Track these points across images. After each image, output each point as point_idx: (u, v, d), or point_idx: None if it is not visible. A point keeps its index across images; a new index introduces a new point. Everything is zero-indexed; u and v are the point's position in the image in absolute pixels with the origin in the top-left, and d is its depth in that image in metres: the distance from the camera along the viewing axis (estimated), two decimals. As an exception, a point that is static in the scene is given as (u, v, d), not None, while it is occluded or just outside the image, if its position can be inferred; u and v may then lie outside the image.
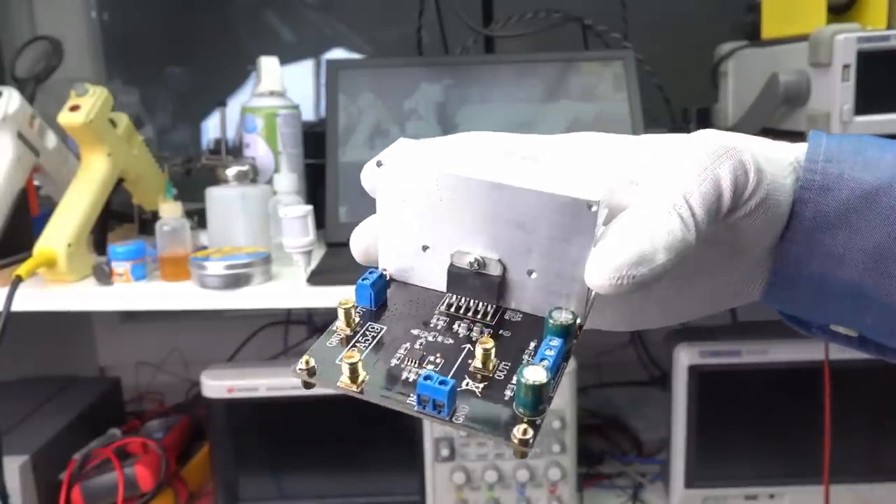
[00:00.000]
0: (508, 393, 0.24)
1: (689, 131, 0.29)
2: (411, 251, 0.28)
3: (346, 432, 0.95)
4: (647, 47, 1.07)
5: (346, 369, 0.25)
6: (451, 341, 0.26)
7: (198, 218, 0.96)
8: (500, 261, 0.26)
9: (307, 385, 0.26)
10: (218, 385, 0.91)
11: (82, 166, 0.88)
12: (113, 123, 0.90)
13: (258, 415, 0.93)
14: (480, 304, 0.27)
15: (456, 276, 0.27)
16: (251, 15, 1.35)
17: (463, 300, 0.27)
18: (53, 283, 0.83)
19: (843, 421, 0.88)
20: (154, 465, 0.94)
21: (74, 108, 0.84)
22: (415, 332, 0.27)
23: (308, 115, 1.19)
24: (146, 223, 1.00)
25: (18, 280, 0.77)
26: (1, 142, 0.86)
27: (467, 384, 0.25)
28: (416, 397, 0.24)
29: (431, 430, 0.92)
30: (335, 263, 0.86)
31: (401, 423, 0.93)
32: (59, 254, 0.82)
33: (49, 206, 0.89)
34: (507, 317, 0.27)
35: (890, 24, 0.88)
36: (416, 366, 0.25)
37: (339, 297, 0.27)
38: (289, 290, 0.81)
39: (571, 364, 0.91)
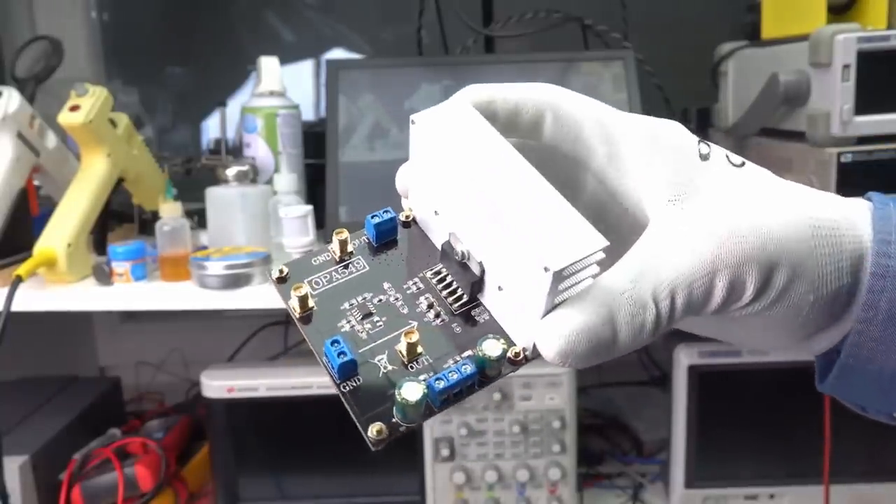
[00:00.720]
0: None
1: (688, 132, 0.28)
2: (427, 209, 0.29)
3: (346, 432, 0.94)
4: (647, 47, 1.07)
5: (295, 299, 0.26)
6: (405, 311, 0.27)
7: (198, 218, 0.96)
8: (480, 263, 0.26)
9: (278, 281, 0.28)
10: (218, 385, 0.91)
11: (82, 166, 0.88)
12: (113, 123, 0.90)
13: (258, 415, 0.93)
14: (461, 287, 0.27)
15: (446, 255, 0.28)
16: (251, 15, 1.35)
17: (449, 276, 0.28)
18: (53, 283, 0.83)
19: (843, 421, 0.88)
20: (154, 465, 0.94)
21: (74, 108, 0.84)
22: (385, 285, 0.28)
23: (308, 115, 1.19)
24: (146, 223, 1.00)
25: (18, 280, 0.77)
26: (1, 142, 0.86)
27: (380, 360, 0.25)
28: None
29: (431, 431, 0.92)
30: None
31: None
32: (59, 254, 0.82)
33: (49, 206, 0.89)
34: (474, 312, 0.27)
35: (890, 24, 0.88)
36: (357, 318, 0.27)
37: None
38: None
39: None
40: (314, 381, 0.90)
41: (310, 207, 0.80)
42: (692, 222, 0.25)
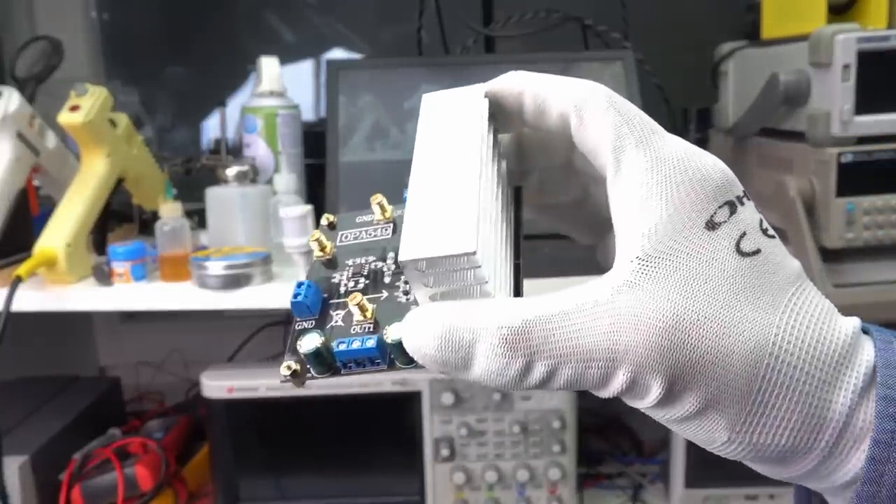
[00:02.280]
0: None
1: (689, 132, 0.27)
2: None
3: (346, 432, 0.95)
4: (647, 47, 1.07)
5: (315, 243, 0.29)
6: (386, 280, 0.28)
7: (198, 218, 0.96)
8: None
9: (328, 227, 0.31)
10: (218, 385, 0.91)
11: (82, 166, 0.88)
12: (113, 123, 0.90)
13: (258, 415, 0.93)
14: None
15: None
16: (251, 15, 1.35)
17: None
18: (53, 284, 0.83)
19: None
20: (154, 465, 0.94)
21: (74, 108, 0.84)
22: (390, 254, 0.29)
23: (308, 115, 1.19)
24: (146, 223, 1.00)
25: (18, 280, 0.77)
26: (1, 142, 0.86)
27: (337, 314, 0.27)
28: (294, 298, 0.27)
29: (431, 431, 0.92)
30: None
31: (401, 424, 0.93)
32: (58, 254, 0.81)
33: (49, 206, 0.89)
34: None
35: (890, 24, 0.88)
36: (348, 275, 0.28)
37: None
38: (289, 290, 0.80)
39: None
40: (314, 381, 0.89)
41: (310, 207, 0.80)
42: (631, 301, 0.22)
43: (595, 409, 1.21)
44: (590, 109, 0.25)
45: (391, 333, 0.24)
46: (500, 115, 0.28)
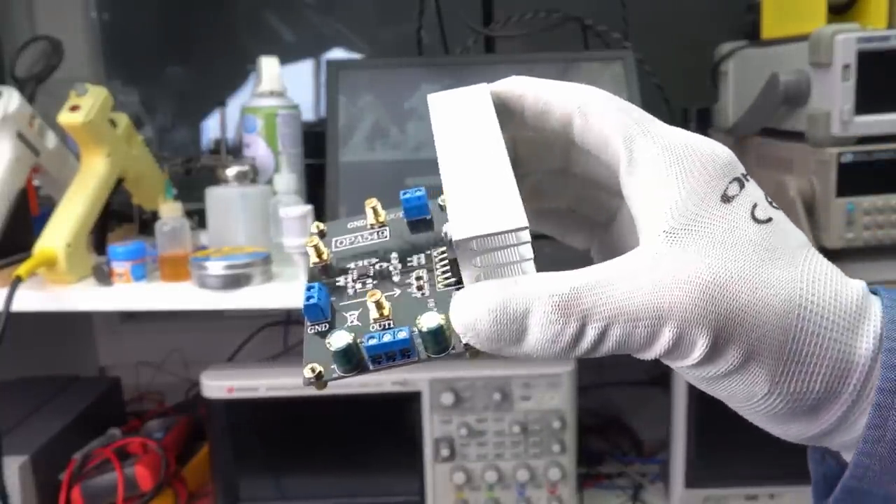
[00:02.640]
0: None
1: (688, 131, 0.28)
2: None
3: (346, 432, 0.95)
4: (647, 47, 1.07)
5: (311, 249, 0.29)
6: (396, 279, 0.27)
7: (198, 218, 0.96)
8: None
9: (319, 235, 0.31)
10: (218, 385, 0.91)
11: (82, 166, 0.88)
12: (113, 123, 0.90)
13: (258, 415, 0.93)
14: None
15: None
16: (251, 15, 1.35)
17: (448, 257, 0.28)
18: (53, 283, 0.83)
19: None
20: (154, 465, 0.94)
21: (74, 108, 0.84)
22: (393, 255, 0.29)
23: (308, 115, 1.19)
24: (146, 223, 1.00)
25: (18, 280, 0.77)
26: (1, 142, 0.86)
27: (351, 315, 0.26)
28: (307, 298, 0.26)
29: (431, 431, 0.92)
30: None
31: (401, 424, 0.93)
32: (58, 254, 0.81)
33: (49, 206, 0.89)
34: (455, 294, 0.26)
35: (890, 24, 0.88)
36: (353, 277, 0.28)
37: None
38: (289, 290, 0.81)
39: (571, 363, 0.91)
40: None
41: (310, 207, 0.80)
42: (668, 266, 0.24)
43: (595, 409, 1.21)
44: (594, 107, 0.27)
45: (425, 323, 0.24)
46: (501, 115, 0.28)
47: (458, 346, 0.24)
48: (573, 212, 0.33)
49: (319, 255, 0.29)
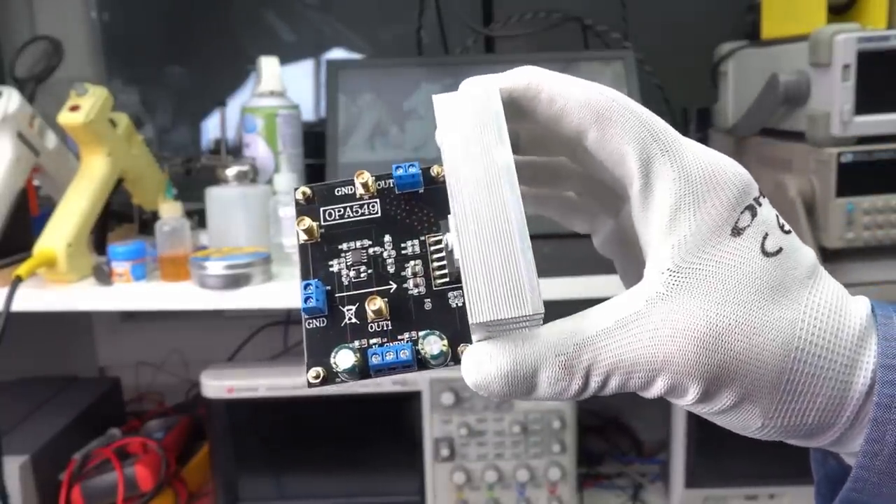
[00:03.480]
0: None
1: (689, 132, 0.27)
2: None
3: (346, 432, 0.95)
4: (647, 47, 1.07)
5: (301, 231, 0.28)
6: (391, 270, 0.27)
7: (198, 218, 0.96)
8: (458, 259, 0.26)
9: (305, 201, 0.29)
10: (218, 385, 0.91)
11: (82, 166, 0.88)
12: (113, 123, 0.90)
13: (258, 415, 0.93)
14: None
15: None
16: (251, 15, 1.35)
17: (445, 251, 0.28)
18: (53, 283, 0.83)
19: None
20: (154, 465, 0.94)
21: (74, 108, 0.84)
22: (386, 238, 0.28)
23: (308, 115, 1.19)
24: (146, 223, 1.00)
25: (18, 280, 0.77)
26: (1, 142, 0.86)
27: (349, 311, 0.26)
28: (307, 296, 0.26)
29: (431, 431, 0.92)
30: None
31: (401, 424, 0.93)
32: (58, 254, 0.81)
33: (49, 206, 0.89)
34: (452, 295, 0.27)
35: (890, 24, 0.88)
36: (347, 263, 0.28)
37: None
38: (289, 290, 0.81)
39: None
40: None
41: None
42: (665, 312, 0.24)
43: (595, 409, 1.21)
44: (612, 121, 0.25)
45: (428, 349, 0.25)
46: (510, 111, 0.27)
47: (457, 361, 0.26)
48: (574, 199, 0.33)
49: (310, 234, 0.28)
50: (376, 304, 0.26)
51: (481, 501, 0.94)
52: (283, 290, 0.81)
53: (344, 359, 0.25)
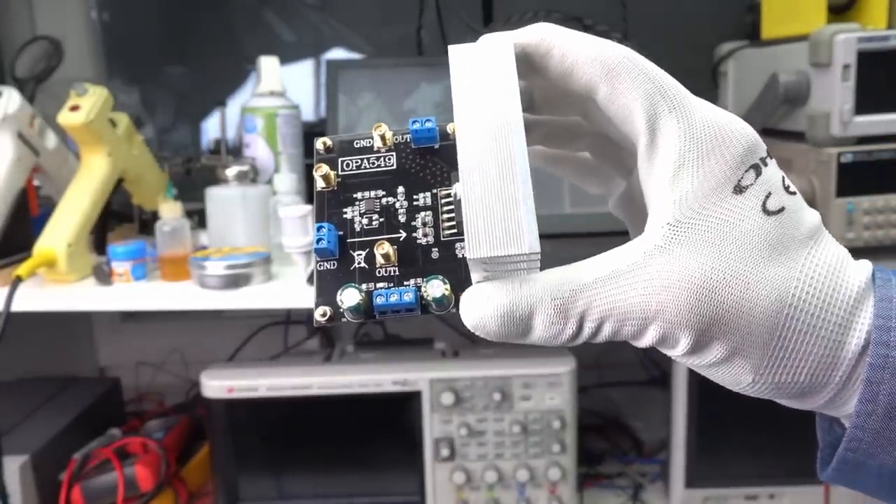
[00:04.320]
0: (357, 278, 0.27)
1: None
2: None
3: (346, 432, 0.95)
4: (647, 47, 1.07)
5: (319, 178, 0.29)
6: (402, 219, 0.28)
7: (198, 218, 0.96)
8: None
9: (326, 151, 0.31)
10: (218, 385, 0.91)
11: (82, 166, 0.88)
12: (113, 123, 0.90)
13: (258, 415, 0.93)
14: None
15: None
16: (251, 15, 1.35)
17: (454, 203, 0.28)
18: (53, 283, 0.83)
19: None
20: (154, 465, 0.94)
21: (74, 108, 0.84)
22: (399, 189, 0.29)
23: (308, 115, 1.19)
24: (146, 223, 1.00)
25: (18, 280, 0.77)
26: (1, 142, 0.86)
27: (359, 255, 0.27)
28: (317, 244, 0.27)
29: (431, 431, 0.92)
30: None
31: (401, 424, 0.93)
32: (59, 254, 0.82)
33: (49, 206, 0.89)
34: (459, 245, 0.27)
35: (890, 24, 0.88)
36: (360, 211, 0.28)
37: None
38: (289, 290, 0.81)
39: (571, 363, 0.91)
40: (314, 381, 0.90)
41: (310, 207, 0.80)
42: (662, 264, 0.24)
43: (595, 409, 1.21)
44: (621, 77, 0.26)
45: (431, 292, 0.26)
46: (522, 66, 0.27)
47: (458, 307, 0.26)
48: (586, 158, 0.33)
49: (328, 181, 0.29)
50: (384, 248, 0.27)
51: (481, 501, 0.94)
52: (283, 290, 0.81)
53: (349, 297, 0.26)
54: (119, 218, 1.01)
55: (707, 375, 0.26)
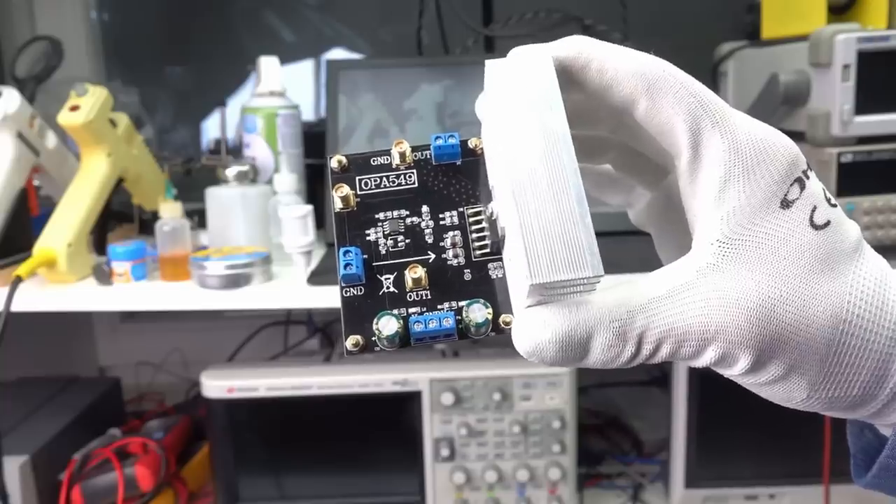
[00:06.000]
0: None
1: None
2: (489, 149, 0.28)
3: (346, 432, 0.95)
4: (648, 47, 1.07)
5: (337, 198, 0.28)
6: (430, 241, 0.27)
7: (198, 218, 0.96)
8: (503, 228, 0.26)
9: (340, 171, 0.29)
10: (218, 385, 0.91)
11: (82, 166, 0.88)
12: (113, 123, 0.90)
13: (258, 415, 0.93)
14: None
15: (487, 203, 0.28)
16: (251, 15, 1.35)
17: (485, 221, 0.27)
18: (53, 283, 0.83)
19: (844, 421, 0.87)
20: (154, 465, 0.94)
21: (74, 108, 0.84)
22: (424, 208, 0.28)
23: (308, 115, 1.19)
24: (146, 223, 1.00)
25: (18, 280, 0.77)
26: (1, 142, 0.86)
27: (387, 279, 0.26)
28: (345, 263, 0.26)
29: (431, 431, 0.92)
30: (335, 263, 0.86)
31: (401, 424, 0.93)
32: (59, 254, 0.81)
33: (49, 206, 0.89)
34: (491, 266, 0.27)
35: (890, 24, 0.88)
36: (385, 232, 0.27)
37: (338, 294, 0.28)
38: (289, 290, 0.81)
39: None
40: (314, 381, 0.90)
41: (310, 207, 0.80)
42: (717, 282, 0.24)
43: (595, 409, 1.21)
44: (662, 91, 0.25)
45: (473, 318, 0.25)
46: (560, 79, 0.27)
47: (498, 331, 0.25)
48: (612, 171, 0.33)
49: (346, 203, 0.28)
50: (417, 272, 0.26)
51: (481, 501, 0.94)
52: (283, 290, 0.81)
53: (387, 325, 0.25)
54: (119, 218, 1.01)
55: (759, 393, 0.26)
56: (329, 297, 0.79)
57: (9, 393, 1.07)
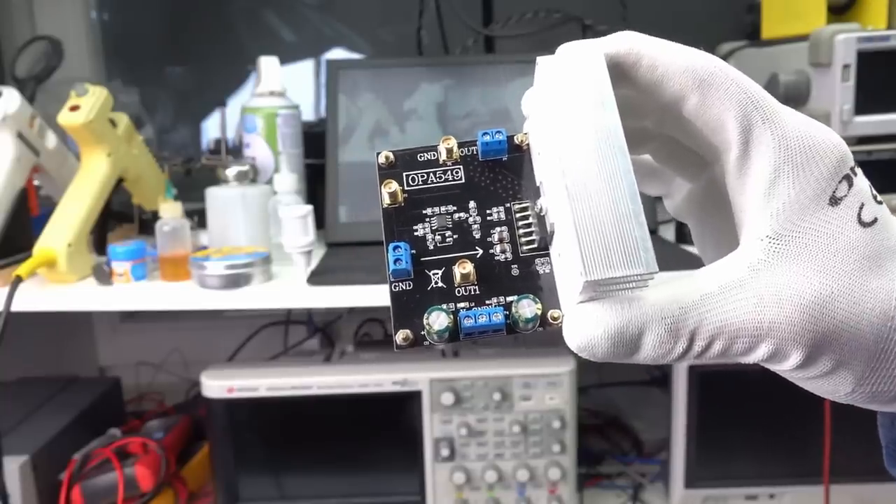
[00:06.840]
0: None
1: None
2: (536, 144, 0.29)
3: (346, 432, 0.95)
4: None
5: (385, 193, 0.28)
6: (477, 236, 0.27)
7: (198, 218, 0.96)
8: (552, 224, 0.26)
9: (388, 166, 0.29)
10: (218, 385, 0.91)
11: (82, 166, 0.88)
12: (113, 123, 0.90)
13: (258, 415, 0.93)
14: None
15: (535, 198, 0.28)
16: (251, 15, 1.35)
17: (532, 217, 0.28)
18: (53, 283, 0.83)
19: (843, 421, 0.88)
20: (154, 465, 0.94)
21: (74, 108, 0.84)
22: (471, 204, 0.28)
23: (308, 115, 1.19)
24: (146, 223, 1.00)
25: (18, 280, 0.77)
26: (1, 142, 0.86)
27: (435, 274, 0.27)
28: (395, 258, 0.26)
29: (431, 430, 0.92)
30: (335, 263, 0.86)
31: (401, 424, 0.93)
32: (59, 254, 0.81)
33: (49, 206, 0.89)
34: (538, 261, 0.27)
35: (890, 24, 0.88)
36: (433, 227, 0.28)
37: (339, 295, 0.28)
38: (289, 290, 0.81)
39: (571, 363, 0.91)
40: (314, 381, 0.90)
41: (310, 207, 0.80)
42: (769, 278, 0.24)
43: (595, 409, 1.21)
44: (713, 87, 0.26)
45: (522, 313, 0.25)
46: (611, 74, 0.27)
47: (546, 326, 0.26)
48: (652, 162, 0.33)
49: (394, 198, 0.28)
50: (466, 267, 0.26)
51: (481, 501, 0.94)
52: (283, 290, 0.81)
53: (438, 320, 0.25)
54: (119, 218, 1.01)
55: (804, 386, 0.27)
56: (329, 297, 0.79)
57: (9, 393, 1.07)
